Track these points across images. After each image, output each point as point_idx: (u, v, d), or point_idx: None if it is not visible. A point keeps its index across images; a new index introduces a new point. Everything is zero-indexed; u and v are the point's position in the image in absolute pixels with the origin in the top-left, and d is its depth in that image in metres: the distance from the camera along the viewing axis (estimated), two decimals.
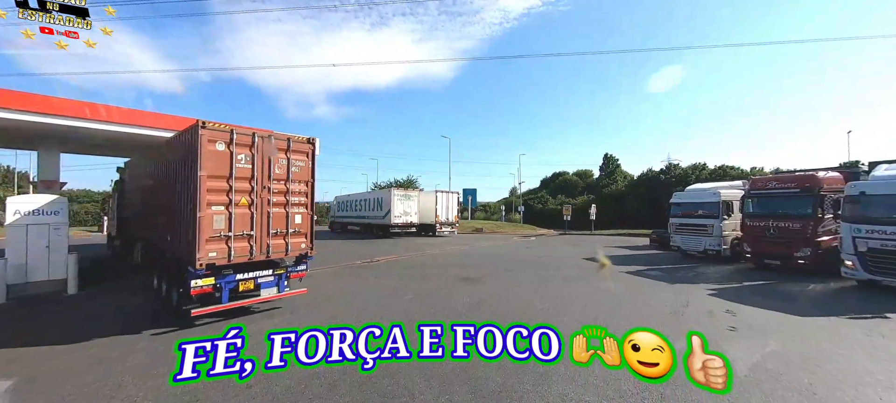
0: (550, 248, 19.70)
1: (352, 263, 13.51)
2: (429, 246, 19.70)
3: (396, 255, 15.94)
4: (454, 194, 27.64)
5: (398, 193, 24.01)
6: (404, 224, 24.03)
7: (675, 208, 15.82)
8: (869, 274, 9.10)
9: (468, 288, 9.24)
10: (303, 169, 7.16)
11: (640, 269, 12.53)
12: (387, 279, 10.42)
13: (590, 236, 28.39)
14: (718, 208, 14.03)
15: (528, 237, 27.34)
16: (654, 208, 37.30)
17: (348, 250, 17.96)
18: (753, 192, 12.57)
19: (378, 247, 19.53)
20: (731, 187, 15.08)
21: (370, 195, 26.66)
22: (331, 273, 11.44)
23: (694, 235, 14.74)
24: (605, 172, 55.96)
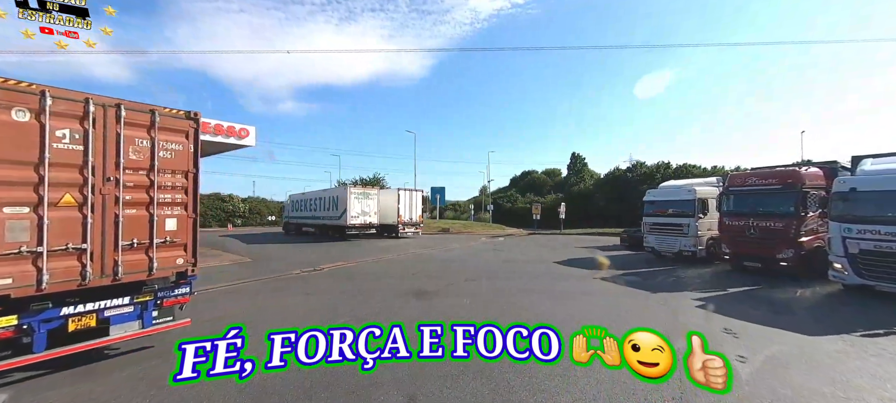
0: (519, 250, 18.38)
1: (288, 273, 11.42)
2: (387, 250, 17.81)
3: (346, 261, 13.96)
4: (418, 193, 25.85)
5: (355, 191, 21.83)
6: (362, 225, 21.93)
7: (649, 206, 14.87)
8: (861, 278, 8.25)
9: (419, 306, 7.52)
10: (179, 155, 5.16)
11: (616, 274, 11.34)
12: (321, 297, 8.49)
13: (559, 236, 27.52)
14: (694, 207, 13.15)
15: (496, 238, 26.02)
16: (622, 206, 37.40)
17: (292, 256, 15.73)
18: (732, 189, 11.70)
19: (329, 251, 17.41)
20: (706, 184, 14.30)
21: (325, 194, 24.34)
22: (253, 288, 9.35)
23: (669, 235, 13.81)
24: (572, 170, 56.27)
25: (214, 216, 44.77)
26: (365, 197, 22.04)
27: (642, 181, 39.15)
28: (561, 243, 21.42)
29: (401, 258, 15.16)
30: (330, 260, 14.09)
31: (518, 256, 16.05)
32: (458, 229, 32.31)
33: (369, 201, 22.15)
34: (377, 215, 22.56)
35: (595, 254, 16.50)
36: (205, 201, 45.40)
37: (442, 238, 25.47)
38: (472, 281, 10.12)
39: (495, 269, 12.36)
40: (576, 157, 56.88)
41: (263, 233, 31.65)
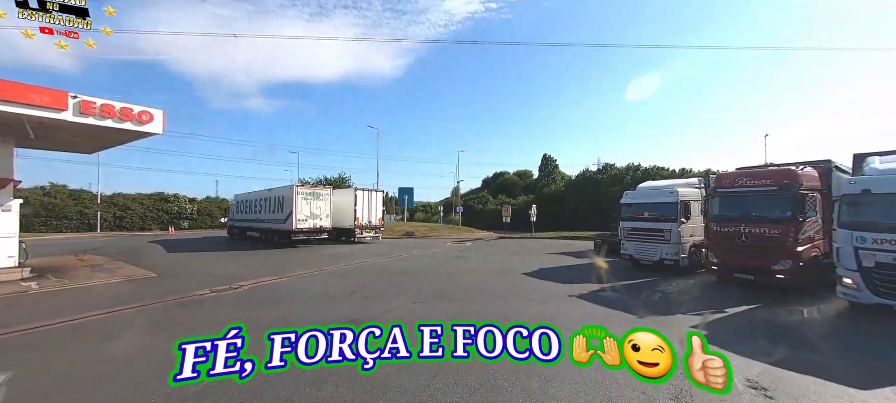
0: (485, 258, 16.57)
1: (189, 294, 8.91)
2: (337, 258, 15.47)
3: (277, 276, 11.56)
4: (379, 193, 23.54)
5: (303, 190, 19.20)
6: (312, 229, 19.34)
7: (626, 209, 13.43)
8: (878, 297, 6.95)
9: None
10: None
11: (593, 289, 9.67)
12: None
13: (530, 241, 26.03)
14: (677, 210, 11.79)
15: (463, 243, 24.13)
16: (592, 208, 36.71)
17: (214, 269, 13.10)
18: (720, 190, 10.34)
19: (265, 262, 14.87)
20: (688, 185, 13.01)
21: (270, 194, 21.53)
22: (93, 328, 6.86)
23: (649, 241, 12.39)
24: (543, 172, 55.75)
25: (156, 219, 40.28)
26: (314, 198, 19.47)
27: (612, 183, 38.74)
28: (532, 249, 19.84)
29: (347, 270, 12.91)
30: (257, 275, 11.61)
31: (483, 266, 14.21)
32: (423, 232, 30.22)
33: (320, 202, 19.60)
34: (329, 217, 20.04)
35: (570, 261, 14.96)
36: (144, 201, 40.84)
37: (404, 243, 23.31)
38: (421, 304, 8.09)
39: (455, 286, 10.39)
40: (547, 158, 56.38)
41: (204, 238, 28.19)
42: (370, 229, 22.51)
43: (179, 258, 16.20)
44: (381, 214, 23.28)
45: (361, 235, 21.96)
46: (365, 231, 22.15)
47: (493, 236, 29.25)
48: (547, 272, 12.42)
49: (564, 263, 14.64)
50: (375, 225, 22.85)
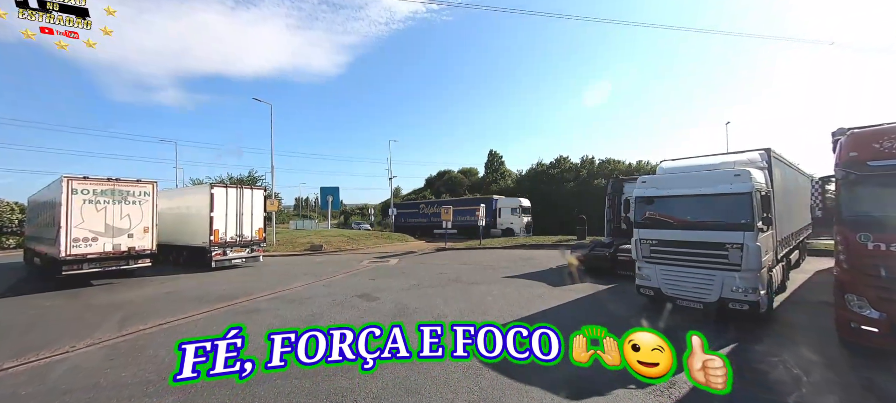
0: (409, 294, 9.98)
1: None
2: (127, 312, 7.86)
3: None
4: (257, 191, 15.86)
5: (91, 187, 10.86)
6: (105, 256, 11.07)
7: (644, 205, 7.71)
8: None
9: None
10: None
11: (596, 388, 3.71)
12: None
13: (478, 252, 19.94)
14: (751, 207, 6.26)
15: (386, 260, 17.26)
16: (547, 205, 32.08)
17: None
18: (873, 163, 4.90)
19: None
20: (751, 163, 7.56)
21: (44, 196, 12.97)
22: None
23: (693, 266, 6.75)
24: (490, 169, 51.11)
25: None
26: (116, 201, 11.20)
27: (567, 178, 34.56)
28: (481, 269, 13.67)
29: (117, 343, 5.52)
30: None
31: (400, 311, 7.63)
32: (338, 244, 22.81)
33: (128, 208, 11.46)
34: (150, 233, 11.95)
35: (541, 302, 8.95)
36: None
37: (296, 265, 15.91)
38: None
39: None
40: (493, 155, 51.83)
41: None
42: (242, 246, 14.79)
43: None
44: (261, 223, 15.64)
45: (224, 255, 14.18)
46: (231, 249, 14.39)
47: (431, 247, 22.81)
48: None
49: (533, 309, 8.41)
50: (252, 239, 15.18)
